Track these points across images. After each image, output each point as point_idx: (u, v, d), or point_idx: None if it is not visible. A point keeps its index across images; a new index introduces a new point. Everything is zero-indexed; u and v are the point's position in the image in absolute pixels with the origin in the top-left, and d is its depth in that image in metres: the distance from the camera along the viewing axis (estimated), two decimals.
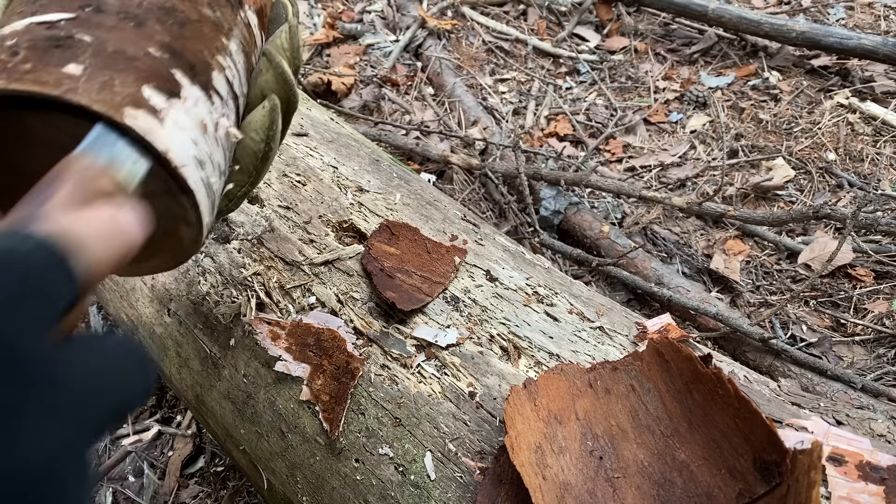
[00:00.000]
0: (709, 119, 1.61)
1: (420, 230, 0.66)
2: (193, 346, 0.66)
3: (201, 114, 0.36)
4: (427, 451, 0.52)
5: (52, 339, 0.22)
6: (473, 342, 0.57)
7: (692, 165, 1.52)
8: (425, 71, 1.76)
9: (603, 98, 1.71)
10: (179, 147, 0.34)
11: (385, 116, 1.64)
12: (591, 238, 1.30)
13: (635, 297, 1.24)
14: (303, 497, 0.58)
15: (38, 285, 0.22)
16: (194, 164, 0.35)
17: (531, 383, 0.51)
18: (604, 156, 1.56)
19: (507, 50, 1.86)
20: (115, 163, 0.31)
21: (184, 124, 0.34)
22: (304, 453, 0.57)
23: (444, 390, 0.54)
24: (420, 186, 0.76)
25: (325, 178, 0.72)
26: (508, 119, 1.64)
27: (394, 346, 0.57)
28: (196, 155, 0.35)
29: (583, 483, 0.45)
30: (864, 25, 1.83)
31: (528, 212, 1.30)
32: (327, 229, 0.66)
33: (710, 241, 1.35)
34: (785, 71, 1.73)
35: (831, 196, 1.40)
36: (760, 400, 0.53)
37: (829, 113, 1.57)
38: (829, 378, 1.02)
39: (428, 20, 1.86)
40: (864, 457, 0.45)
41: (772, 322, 1.19)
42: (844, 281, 1.25)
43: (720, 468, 0.44)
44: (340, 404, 0.54)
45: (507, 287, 0.63)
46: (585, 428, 0.48)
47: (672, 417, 0.47)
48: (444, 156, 1.42)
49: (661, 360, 0.50)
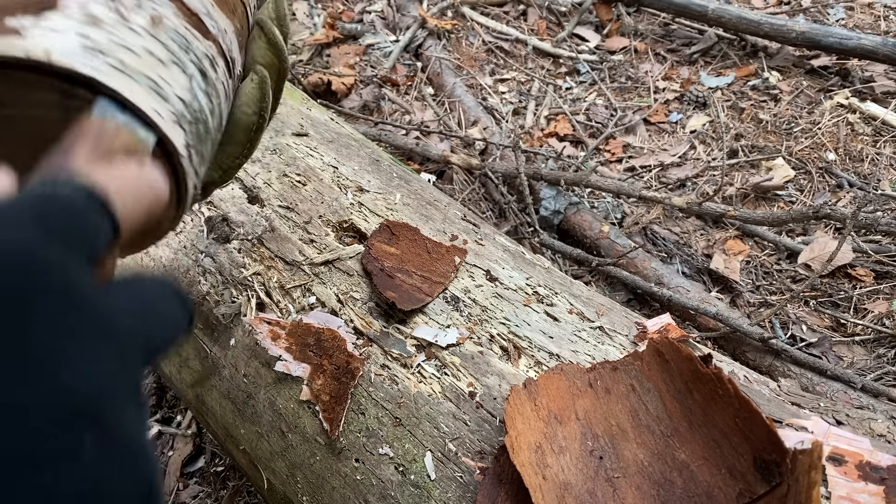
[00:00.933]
0: (709, 119, 1.61)
1: (420, 230, 0.66)
2: (193, 345, 0.66)
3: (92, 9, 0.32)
4: (427, 450, 0.52)
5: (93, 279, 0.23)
6: (473, 342, 0.57)
7: (692, 165, 1.52)
8: (425, 71, 1.76)
9: (603, 98, 1.71)
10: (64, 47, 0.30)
11: (385, 116, 1.64)
12: (591, 238, 1.30)
13: (635, 297, 1.24)
14: (303, 497, 0.58)
15: (81, 224, 0.22)
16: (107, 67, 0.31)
17: (531, 383, 0.51)
18: (604, 156, 1.56)
19: (507, 50, 1.86)
20: (131, 124, 0.30)
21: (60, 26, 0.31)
22: (304, 453, 0.57)
23: (444, 390, 0.54)
24: (420, 186, 0.76)
25: (326, 178, 0.72)
26: (508, 119, 1.64)
27: (394, 345, 0.57)
28: (91, 46, 0.31)
29: (583, 483, 0.45)
30: (864, 25, 1.83)
31: (528, 212, 1.30)
32: (327, 229, 0.66)
33: (710, 241, 1.35)
34: (785, 71, 1.73)
35: (831, 196, 1.40)
36: (760, 400, 0.53)
37: (829, 113, 1.57)
38: (829, 378, 1.02)
39: (428, 20, 1.86)
40: (864, 457, 0.45)
41: (772, 322, 1.19)
42: (844, 281, 1.25)
43: (720, 468, 0.44)
44: (340, 404, 0.54)
45: (507, 287, 0.63)
46: (585, 428, 0.48)
47: (672, 417, 0.47)
48: (444, 156, 1.42)
49: (661, 359, 0.50)
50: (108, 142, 0.29)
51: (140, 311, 0.23)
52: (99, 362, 0.20)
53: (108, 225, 0.24)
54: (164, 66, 0.33)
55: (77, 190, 0.23)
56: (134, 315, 0.23)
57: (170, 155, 0.32)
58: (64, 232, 0.21)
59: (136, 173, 0.28)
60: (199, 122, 0.35)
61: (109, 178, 0.26)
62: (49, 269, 0.20)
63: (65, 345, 0.19)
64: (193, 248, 0.68)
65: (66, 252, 0.21)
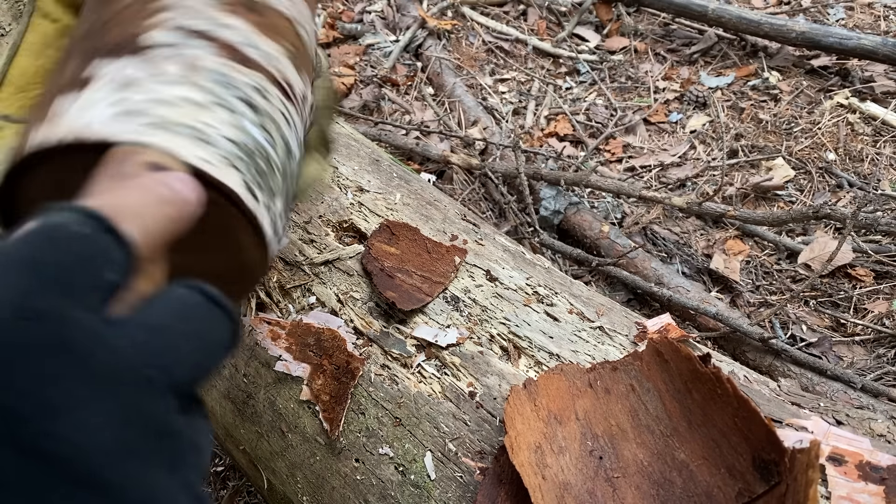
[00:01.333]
0: (709, 119, 1.61)
1: (420, 230, 0.66)
2: None
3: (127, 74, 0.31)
4: (427, 450, 0.52)
5: (112, 308, 0.21)
6: (473, 342, 0.57)
7: (692, 165, 1.52)
8: (425, 71, 1.76)
9: (603, 98, 1.71)
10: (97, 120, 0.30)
11: (385, 116, 1.64)
12: (591, 238, 1.30)
13: (635, 297, 1.24)
14: (303, 497, 0.58)
15: (88, 254, 0.21)
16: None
17: (531, 383, 0.51)
18: (604, 156, 1.56)
19: (507, 50, 1.86)
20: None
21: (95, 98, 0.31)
22: (304, 453, 0.57)
23: (444, 390, 0.54)
24: (420, 186, 0.76)
25: (325, 178, 0.72)
26: (508, 119, 1.64)
27: (394, 345, 0.57)
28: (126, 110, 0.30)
29: (582, 483, 0.45)
30: (864, 25, 1.83)
31: (528, 212, 1.30)
32: (327, 229, 0.66)
33: (710, 241, 1.35)
34: (785, 71, 1.73)
35: (831, 196, 1.40)
36: (760, 400, 0.53)
37: (828, 113, 1.57)
38: (829, 378, 1.02)
39: (428, 20, 1.86)
40: (864, 457, 0.45)
41: (772, 322, 1.19)
42: (844, 281, 1.25)
43: (719, 467, 0.44)
44: (340, 404, 0.55)
45: (507, 287, 0.63)
46: (585, 428, 0.49)
47: (672, 417, 0.48)
48: (444, 156, 1.42)
49: (660, 359, 0.50)
50: (131, 162, 0.28)
51: (164, 341, 0.21)
52: (93, 416, 0.18)
53: (119, 249, 0.22)
54: (206, 109, 0.32)
55: (77, 216, 0.22)
56: (154, 346, 0.21)
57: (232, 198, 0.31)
58: (63, 273, 0.20)
59: (150, 183, 0.26)
60: (257, 157, 0.33)
61: (119, 196, 0.25)
62: (41, 318, 0.18)
63: (59, 397, 0.17)
64: None
65: (64, 295, 0.19)
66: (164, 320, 0.22)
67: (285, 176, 0.36)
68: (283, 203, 0.36)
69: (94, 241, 0.22)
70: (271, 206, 0.34)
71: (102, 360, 0.19)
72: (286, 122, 0.36)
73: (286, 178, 0.36)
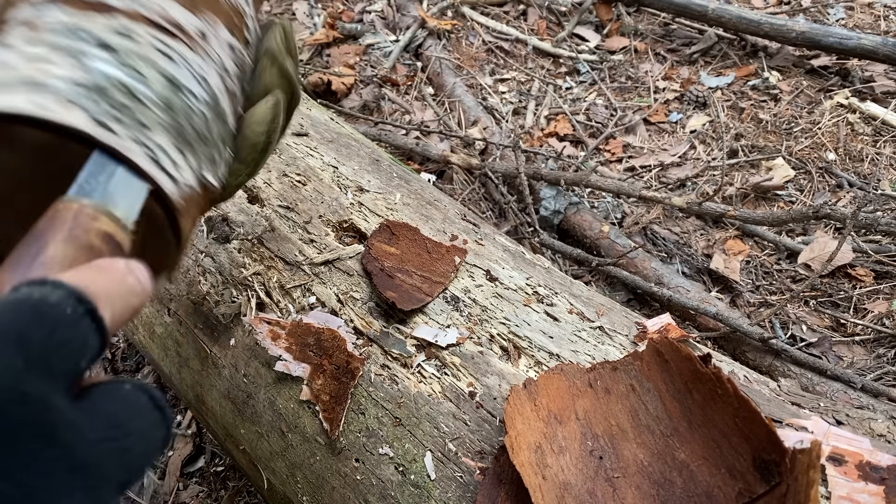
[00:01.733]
0: (709, 119, 1.61)
1: (420, 230, 0.66)
2: (193, 345, 0.66)
3: None
4: (427, 450, 0.52)
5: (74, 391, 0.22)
6: (473, 342, 0.57)
7: (692, 165, 1.52)
8: (425, 71, 1.76)
9: (603, 98, 1.71)
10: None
11: (385, 116, 1.64)
12: (591, 238, 1.30)
13: (635, 297, 1.24)
14: (303, 497, 0.58)
15: (69, 337, 0.21)
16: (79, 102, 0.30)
17: (531, 383, 0.51)
18: (604, 156, 1.56)
19: (507, 50, 1.86)
20: (111, 198, 0.29)
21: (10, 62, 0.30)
22: (304, 453, 0.57)
23: (444, 390, 0.54)
24: (420, 186, 0.76)
25: (326, 178, 0.72)
26: (508, 119, 1.64)
27: (394, 345, 0.57)
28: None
29: (583, 483, 0.45)
30: (864, 25, 1.83)
31: (528, 212, 1.30)
32: (327, 229, 0.66)
33: (710, 241, 1.35)
34: (785, 71, 1.73)
35: (831, 196, 1.40)
36: (760, 400, 0.53)
37: (828, 113, 1.57)
38: (829, 378, 1.02)
39: (428, 20, 1.86)
40: (864, 457, 0.45)
41: (772, 322, 1.19)
42: (844, 281, 1.25)
43: (720, 468, 0.44)
44: (340, 404, 0.54)
45: (507, 287, 0.63)
46: (585, 428, 0.48)
47: (672, 417, 0.47)
48: (444, 156, 1.42)
49: (660, 359, 0.50)
50: (87, 233, 0.27)
51: (116, 436, 0.22)
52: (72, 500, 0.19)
53: (96, 335, 0.23)
54: (43, 60, 0.31)
55: (66, 298, 0.22)
56: (110, 441, 0.22)
57: (82, 136, 0.30)
58: (46, 354, 0.20)
59: (122, 275, 0.26)
60: (112, 92, 0.32)
61: (93, 279, 0.25)
62: (26, 401, 0.19)
63: (37, 482, 0.18)
64: (193, 248, 0.68)
65: (45, 378, 0.20)
66: (118, 413, 0.23)
67: (171, 109, 0.34)
68: (174, 137, 0.34)
69: (78, 326, 0.22)
70: (144, 139, 0.32)
71: (80, 454, 0.20)
72: (166, 58, 0.35)
73: (174, 111, 0.35)
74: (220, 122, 0.39)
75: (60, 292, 0.22)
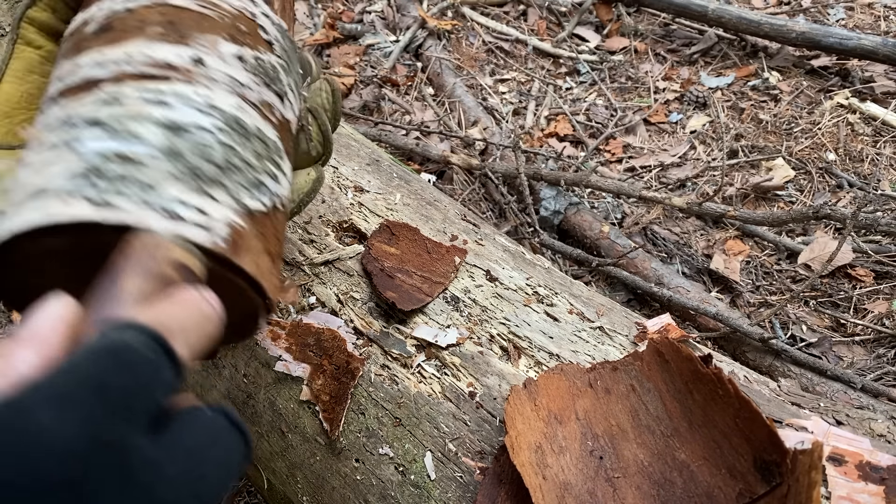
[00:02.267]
0: (709, 119, 1.61)
1: (420, 230, 0.66)
2: None
3: None
4: (427, 450, 0.52)
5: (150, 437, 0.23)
6: (473, 342, 0.57)
7: (692, 166, 1.52)
8: (425, 71, 1.76)
9: (603, 98, 1.71)
10: None
11: (385, 116, 1.64)
12: (591, 238, 1.30)
13: (635, 297, 1.24)
14: (303, 497, 0.58)
15: (147, 379, 0.22)
16: None
17: (531, 383, 0.51)
18: (604, 156, 1.56)
19: (507, 50, 1.86)
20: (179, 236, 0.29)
21: None
22: (304, 453, 0.57)
23: (444, 390, 0.54)
24: (420, 186, 0.76)
25: (325, 178, 0.72)
26: (508, 119, 1.64)
27: (394, 346, 0.57)
28: None
29: (583, 483, 0.45)
30: (864, 26, 1.83)
31: (528, 212, 1.30)
32: (327, 229, 0.66)
33: (710, 242, 1.35)
34: (785, 71, 1.73)
35: (831, 196, 1.40)
36: (760, 400, 0.53)
37: (829, 113, 1.57)
38: (829, 378, 1.02)
39: (428, 20, 1.86)
40: (864, 457, 0.45)
41: (772, 322, 1.19)
42: (844, 281, 1.25)
43: (720, 468, 0.44)
44: (340, 404, 0.54)
45: (507, 287, 0.63)
46: (585, 428, 0.48)
47: (672, 417, 0.47)
48: (444, 156, 1.42)
49: (661, 360, 0.50)
50: (159, 264, 0.28)
51: (198, 470, 0.23)
52: None
53: (172, 370, 0.23)
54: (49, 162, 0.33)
55: (139, 336, 0.23)
56: (189, 473, 0.22)
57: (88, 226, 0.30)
58: (125, 398, 0.21)
59: (195, 304, 0.27)
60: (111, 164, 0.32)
61: (166, 311, 0.25)
62: (106, 449, 0.20)
63: None
64: None
65: (125, 421, 0.21)
66: (197, 443, 0.24)
67: (178, 155, 0.33)
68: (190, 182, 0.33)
69: (155, 365, 0.23)
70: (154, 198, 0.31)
71: (159, 493, 0.21)
72: (159, 105, 0.34)
73: (182, 156, 0.33)
74: (254, 139, 0.37)
75: (137, 335, 0.23)
